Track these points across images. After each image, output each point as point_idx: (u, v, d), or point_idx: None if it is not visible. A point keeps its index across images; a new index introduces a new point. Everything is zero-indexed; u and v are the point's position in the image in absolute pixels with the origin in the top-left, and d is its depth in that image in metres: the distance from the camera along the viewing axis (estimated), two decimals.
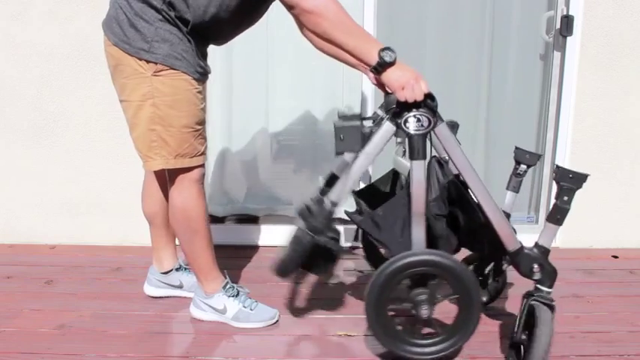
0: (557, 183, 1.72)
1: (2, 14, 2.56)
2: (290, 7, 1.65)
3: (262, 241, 2.78)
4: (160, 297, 2.16)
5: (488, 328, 1.96)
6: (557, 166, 1.73)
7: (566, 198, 1.73)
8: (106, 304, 2.13)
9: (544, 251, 1.75)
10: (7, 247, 2.73)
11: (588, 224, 2.76)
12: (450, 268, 1.66)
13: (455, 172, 1.81)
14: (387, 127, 1.66)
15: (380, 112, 1.93)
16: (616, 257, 2.67)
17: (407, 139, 1.65)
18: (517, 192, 2.03)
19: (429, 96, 1.62)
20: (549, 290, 1.71)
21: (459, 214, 1.80)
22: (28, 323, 1.98)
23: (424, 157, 1.64)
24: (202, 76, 1.83)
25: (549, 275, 1.74)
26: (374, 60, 1.60)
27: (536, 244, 1.76)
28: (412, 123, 1.61)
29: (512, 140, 2.82)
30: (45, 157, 2.69)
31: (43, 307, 2.10)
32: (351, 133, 1.68)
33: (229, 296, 1.97)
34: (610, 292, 2.27)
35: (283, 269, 1.74)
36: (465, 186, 1.75)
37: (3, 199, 2.74)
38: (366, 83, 2.64)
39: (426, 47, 2.72)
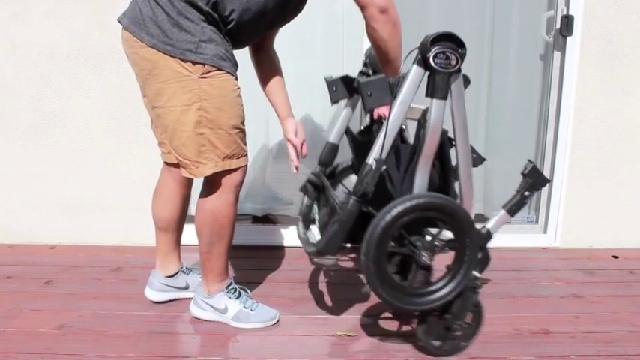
0: (524, 176, 1.77)
1: (2, 14, 2.56)
2: (362, 8, 1.65)
3: (262, 241, 2.78)
4: (164, 302, 2.14)
5: (488, 328, 1.96)
6: (530, 161, 1.76)
7: (527, 193, 1.77)
8: (106, 304, 2.13)
9: (488, 237, 1.79)
10: (7, 247, 2.73)
11: (588, 224, 2.76)
12: (452, 210, 1.65)
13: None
14: (416, 70, 1.65)
15: (365, 70, 2.02)
16: (616, 257, 2.67)
17: (429, 77, 1.64)
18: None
19: (460, 43, 1.62)
20: (478, 275, 1.75)
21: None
22: (28, 323, 1.98)
23: (445, 98, 1.63)
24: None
25: (484, 261, 1.79)
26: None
27: (485, 228, 1.79)
28: (441, 59, 1.60)
29: (513, 140, 2.83)
30: (45, 157, 2.69)
31: (43, 307, 2.10)
32: (380, 86, 1.67)
33: (231, 296, 1.96)
34: (610, 292, 2.27)
35: (330, 245, 1.71)
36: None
37: (3, 199, 2.74)
38: None
39: None
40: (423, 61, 1.62)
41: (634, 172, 2.72)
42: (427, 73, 1.63)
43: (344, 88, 1.95)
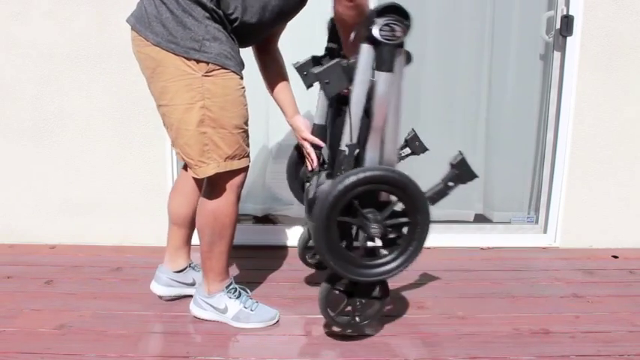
0: (451, 167, 1.75)
1: (2, 14, 2.56)
2: None
3: (262, 241, 2.78)
4: (170, 299, 2.13)
5: (488, 328, 1.96)
6: (460, 152, 1.74)
7: (451, 184, 1.75)
8: (106, 304, 2.13)
9: None
10: (7, 247, 2.72)
11: (588, 224, 2.76)
12: (402, 184, 1.65)
13: None
14: (366, 47, 1.65)
15: (331, 45, 2.00)
16: (616, 257, 2.67)
17: (376, 50, 1.63)
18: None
19: (405, 15, 1.60)
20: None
21: None
22: (28, 323, 1.98)
23: (391, 70, 1.63)
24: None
25: None
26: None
27: None
28: (386, 31, 1.59)
29: (513, 140, 2.83)
30: (45, 157, 2.69)
31: (43, 307, 2.10)
32: (335, 72, 1.68)
33: (231, 296, 1.96)
34: (610, 292, 2.27)
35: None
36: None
37: (3, 199, 2.74)
38: None
39: (426, 47, 2.72)
40: (370, 36, 1.61)
41: (634, 172, 2.72)
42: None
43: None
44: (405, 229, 1.74)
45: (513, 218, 2.86)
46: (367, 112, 1.69)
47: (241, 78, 1.78)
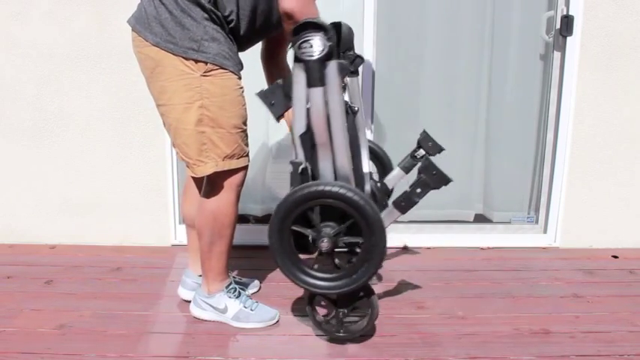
0: (419, 173, 1.70)
1: (2, 14, 2.56)
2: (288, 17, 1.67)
3: (262, 241, 2.76)
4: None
5: (488, 328, 1.96)
6: (427, 158, 1.70)
7: (419, 190, 1.70)
8: (106, 304, 2.13)
9: None
10: (7, 247, 2.73)
11: (588, 224, 2.76)
12: (354, 203, 1.63)
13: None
14: (294, 66, 1.67)
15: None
16: (616, 257, 2.67)
17: (304, 67, 1.65)
18: (406, 173, 2.02)
19: (322, 28, 1.60)
20: None
21: None
22: (28, 323, 1.98)
23: (319, 85, 1.63)
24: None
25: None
26: None
27: None
28: (306, 48, 1.60)
29: (513, 140, 2.83)
30: (45, 157, 2.69)
31: (43, 307, 2.10)
32: (275, 94, 1.72)
33: (231, 296, 1.96)
34: (610, 292, 2.27)
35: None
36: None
37: (3, 199, 2.74)
38: (366, 82, 2.64)
39: (426, 47, 2.72)
40: (294, 55, 1.63)
41: (634, 172, 2.72)
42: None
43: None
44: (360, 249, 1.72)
45: (513, 218, 2.86)
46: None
47: (240, 78, 1.79)
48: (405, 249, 2.73)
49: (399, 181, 2.07)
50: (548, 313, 2.08)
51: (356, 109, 2.01)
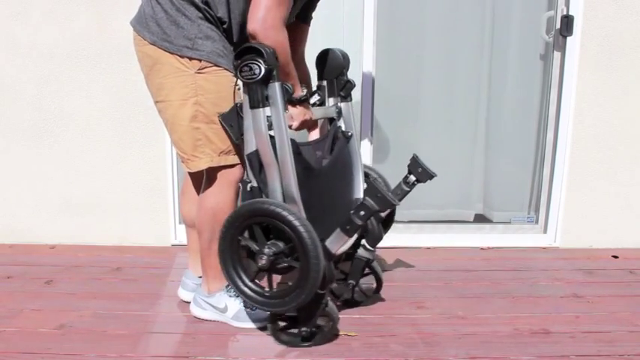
0: (364, 196, 1.67)
1: (2, 14, 2.56)
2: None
3: None
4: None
5: (488, 329, 1.96)
6: (370, 181, 1.68)
7: (362, 213, 1.66)
8: (106, 304, 2.13)
9: (325, 250, 1.73)
10: (7, 247, 2.73)
11: (588, 224, 2.76)
12: (291, 226, 1.64)
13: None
14: (242, 89, 1.73)
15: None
16: (616, 257, 2.67)
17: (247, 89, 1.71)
18: (399, 200, 1.97)
19: (261, 53, 1.65)
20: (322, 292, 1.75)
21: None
22: (28, 323, 1.98)
23: (258, 106, 1.68)
24: None
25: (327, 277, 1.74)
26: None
27: (323, 242, 1.72)
28: (246, 71, 1.66)
29: (513, 140, 2.83)
30: (45, 157, 2.69)
31: (43, 307, 2.10)
32: (232, 115, 1.76)
33: (231, 295, 1.96)
34: (610, 292, 2.27)
35: None
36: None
37: (3, 199, 2.74)
38: (366, 81, 2.64)
39: (426, 47, 2.73)
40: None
41: (634, 172, 2.72)
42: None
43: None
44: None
45: (513, 218, 2.86)
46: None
47: (235, 76, 1.80)
48: (406, 249, 2.73)
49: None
50: (548, 313, 2.08)
51: (349, 134, 2.03)
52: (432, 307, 2.13)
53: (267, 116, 1.72)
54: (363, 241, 1.99)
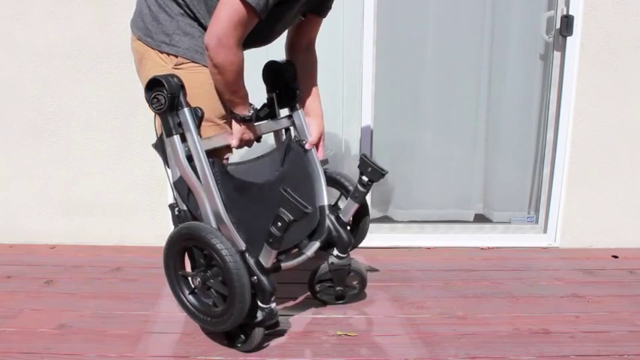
0: (278, 207, 1.68)
1: (2, 14, 2.56)
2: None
3: None
4: None
5: (488, 329, 1.96)
6: (285, 190, 1.65)
7: (279, 224, 1.67)
8: (106, 304, 2.13)
9: (259, 265, 1.74)
10: (7, 247, 2.72)
11: (588, 224, 2.76)
12: (218, 253, 1.67)
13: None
14: (159, 120, 1.78)
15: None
16: (616, 257, 2.67)
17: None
18: (358, 203, 2.01)
19: (162, 84, 1.69)
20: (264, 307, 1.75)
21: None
22: (28, 323, 1.98)
23: (174, 133, 1.73)
24: None
25: (260, 291, 1.74)
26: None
27: (255, 257, 1.74)
28: (155, 103, 1.71)
29: (513, 140, 2.83)
30: (45, 157, 2.69)
31: (43, 307, 2.10)
32: (159, 144, 1.83)
33: None
34: (610, 292, 2.27)
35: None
36: None
37: (3, 199, 2.74)
38: (366, 82, 2.64)
39: (426, 47, 2.72)
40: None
41: (634, 172, 2.72)
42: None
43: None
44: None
45: (513, 218, 2.86)
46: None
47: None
48: (406, 249, 2.73)
49: (353, 212, 2.04)
50: (548, 313, 2.09)
51: (304, 142, 2.04)
52: (432, 307, 2.13)
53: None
54: (336, 252, 2.00)
